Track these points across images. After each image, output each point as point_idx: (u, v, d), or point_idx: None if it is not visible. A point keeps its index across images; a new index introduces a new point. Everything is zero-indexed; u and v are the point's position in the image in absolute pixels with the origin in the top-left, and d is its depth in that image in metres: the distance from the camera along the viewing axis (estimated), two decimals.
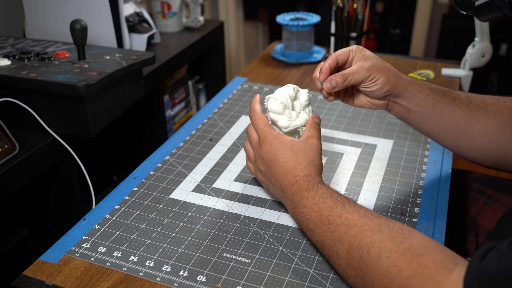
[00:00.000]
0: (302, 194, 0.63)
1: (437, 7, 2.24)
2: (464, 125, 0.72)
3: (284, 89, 0.73)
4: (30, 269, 0.64)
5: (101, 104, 0.90)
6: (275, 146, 0.68)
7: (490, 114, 0.72)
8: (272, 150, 0.68)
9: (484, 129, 0.72)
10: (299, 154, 0.67)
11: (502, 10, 0.74)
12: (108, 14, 1.13)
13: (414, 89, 0.72)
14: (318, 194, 0.62)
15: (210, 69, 1.67)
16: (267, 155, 0.68)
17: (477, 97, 0.74)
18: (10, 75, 0.85)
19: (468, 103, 0.73)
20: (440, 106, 0.72)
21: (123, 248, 0.66)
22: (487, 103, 0.73)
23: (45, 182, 0.98)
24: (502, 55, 2.15)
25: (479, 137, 0.73)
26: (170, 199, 0.77)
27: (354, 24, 1.21)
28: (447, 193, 0.77)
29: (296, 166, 0.66)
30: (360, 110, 1.03)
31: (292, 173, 0.65)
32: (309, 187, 0.63)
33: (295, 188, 0.64)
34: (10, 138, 0.83)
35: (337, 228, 0.58)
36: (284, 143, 0.68)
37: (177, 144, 0.92)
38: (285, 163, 0.66)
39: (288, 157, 0.67)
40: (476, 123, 0.72)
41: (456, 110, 0.72)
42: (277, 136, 0.68)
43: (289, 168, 0.66)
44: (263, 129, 0.70)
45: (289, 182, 0.65)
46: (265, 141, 0.69)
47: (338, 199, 0.61)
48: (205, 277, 0.62)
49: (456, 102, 0.72)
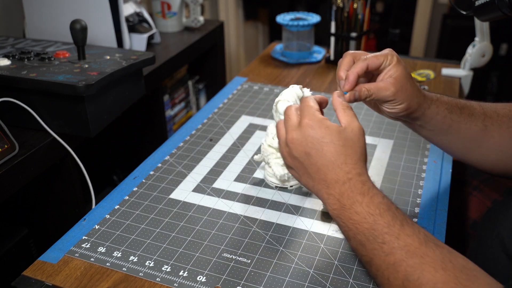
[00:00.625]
0: (355, 198, 0.56)
1: (437, 7, 2.24)
2: (478, 140, 0.72)
3: (290, 90, 0.73)
4: (30, 269, 0.63)
5: (101, 104, 0.90)
6: (320, 131, 0.58)
7: (504, 127, 0.71)
8: (317, 135, 0.58)
9: (497, 143, 0.71)
10: (348, 145, 0.58)
11: (502, 10, 0.74)
12: (108, 14, 1.13)
13: (432, 112, 0.69)
14: (375, 203, 0.55)
15: (210, 69, 1.67)
16: (308, 140, 0.59)
17: (490, 109, 0.72)
18: (10, 75, 0.85)
19: (483, 118, 0.71)
20: (456, 125, 0.70)
21: (123, 248, 0.66)
22: (500, 114, 0.72)
23: (45, 182, 0.98)
24: (502, 55, 2.15)
25: (492, 150, 0.72)
26: (170, 199, 0.77)
27: (354, 24, 1.21)
28: (447, 193, 0.77)
29: (346, 160, 0.57)
30: (360, 110, 1.03)
31: (343, 169, 0.57)
32: (364, 191, 0.56)
33: (346, 187, 0.56)
34: (10, 138, 0.83)
35: (393, 252, 0.52)
36: (331, 129, 0.58)
37: (177, 144, 0.92)
38: (332, 154, 0.57)
39: (336, 148, 0.58)
40: (490, 138, 0.71)
41: (472, 127, 0.71)
42: (322, 120, 0.59)
43: (338, 162, 0.57)
44: (307, 111, 0.60)
45: (338, 178, 0.57)
46: (308, 123, 0.59)
47: (396, 214, 0.54)
48: (205, 277, 0.62)
49: (472, 119, 0.71)
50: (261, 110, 1.05)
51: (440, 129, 0.71)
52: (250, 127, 0.98)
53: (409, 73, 0.67)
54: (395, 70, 0.66)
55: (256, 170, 0.84)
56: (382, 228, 0.53)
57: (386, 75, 0.66)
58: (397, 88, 0.65)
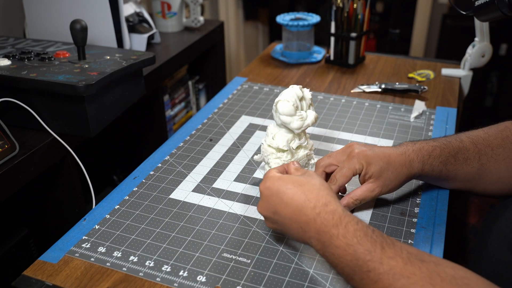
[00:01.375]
0: (330, 232, 0.55)
1: (437, 7, 2.24)
2: (477, 179, 0.74)
3: (290, 90, 0.73)
4: (30, 269, 0.64)
5: (101, 104, 0.90)
6: (274, 187, 0.61)
7: (500, 159, 0.73)
8: (272, 191, 0.61)
9: (496, 176, 0.73)
10: (303, 184, 0.60)
11: (502, 10, 0.74)
12: (108, 14, 1.13)
13: (427, 171, 0.71)
14: (350, 232, 0.54)
15: (210, 69, 1.67)
16: (269, 200, 0.61)
17: (483, 144, 0.73)
18: (10, 75, 0.85)
19: (478, 157, 0.72)
20: (453, 173, 0.72)
21: (123, 248, 0.66)
22: (494, 148, 0.73)
23: (45, 182, 0.98)
24: (502, 55, 2.15)
25: (492, 183, 0.74)
26: (170, 199, 0.77)
27: (354, 24, 1.21)
28: (447, 193, 0.77)
29: (308, 197, 0.58)
30: (360, 110, 1.03)
31: (308, 206, 0.57)
32: (336, 222, 0.55)
33: (319, 223, 0.56)
34: (10, 138, 0.83)
35: (380, 278, 0.51)
36: (282, 179, 0.61)
37: (177, 144, 0.92)
38: (293, 199, 0.59)
39: (293, 191, 0.59)
40: (489, 173, 0.73)
41: (469, 170, 0.73)
42: (274, 177, 0.62)
43: (301, 202, 0.58)
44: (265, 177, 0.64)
45: (308, 218, 0.57)
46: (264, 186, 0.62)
47: (374, 238, 0.53)
48: (205, 277, 0.62)
49: (468, 163, 0.72)
50: (261, 110, 1.05)
51: (439, 180, 0.75)
52: (250, 127, 0.98)
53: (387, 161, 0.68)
54: (369, 170, 0.68)
55: (256, 170, 0.84)
56: (364, 257, 0.52)
57: (364, 177, 0.69)
58: (380, 184, 0.68)
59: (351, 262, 0.53)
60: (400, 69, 1.25)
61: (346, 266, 0.54)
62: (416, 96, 1.10)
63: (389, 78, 1.20)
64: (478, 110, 2.25)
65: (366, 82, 1.18)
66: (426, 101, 1.07)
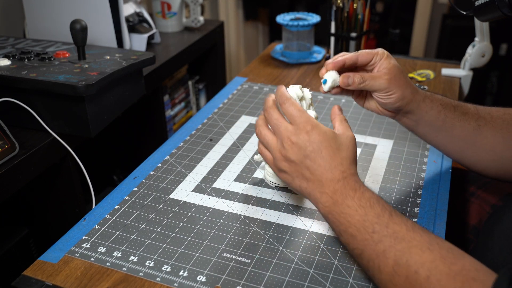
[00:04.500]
0: (348, 193, 0.58)
1: (437, 7, 2.24)
2: (472, 139, 0.73)
3: (290, 90, 0.73)
4: (30, 269, 0.64)
5: (101, 104, 0.90)
6: (318, 136, 0.61)
7: (497, 128, 0.73)
8: (315, 139, 0.60)
9: (491, 143, 0.73)
10: (343, 149, 0.61)
11: (502, 10, 0.74)
12: (108, 14, 1.13)
13: (426, 106, 0.72)
14: (366, 196, 0.58)
15: (210, 69, 1.67)
16: (306, 143, 0.60)
17: (484, 110, 0.74)
18: (10, 75, 0.85)
19: (477, 117, 0.73)
20: (450, 121, 0.73)
21: (123, 248, 0.66)
22: (494, 116, 0.74)
23: (45, 182, 0.98)
24: (502, 55, 2.15)
25: (486, 151, 0.74)
26: (170, 199, 0.77)
27: (354, 24, 1.21)
28: (447, 193, 0.77)
29: (342, 162, 0.60)
30: (360, 110, 1.03)
31: (339, 169, 0.60)
32: (356, 187, 0.59)
33: (340, 184, 0.59)
34: (10, 138, 0.83)
35: (382, 240, 0.54)
36: (327, 134, 0.61)
37: (177, 144, 0.92)
38: (330, 156, 0.60)
39: (333, 150, 0.60)
40: (484, 138, 0.73)
41: (466, 125, 0.73)
42: (318, 126, 0.62)
43: (335, 163, 0.60)
44: (301, 116, 0.62)
45: (334, 177, 0.59)
46: (305, 127, 0.61)
47: (386, 206, 0.57)
48: (205, 277, 0.62)
49: (466, 117, 0.73)
50: (261, 110, 1.05)
51: (435, 125, 0.73)
52: (250, 127, 0.98)
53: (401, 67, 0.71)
54: (387, 62, 0.69)
55: (256, 170, 0.84)
56: (372, 219, 0.55)
57: (379, 69, 0.70)
58: (391, 77, 0.69)
59: (359, 222, 0.56)
60: None
61: (352, 226, 0.56)
62: None
63: None
64: None
65: None
66: None
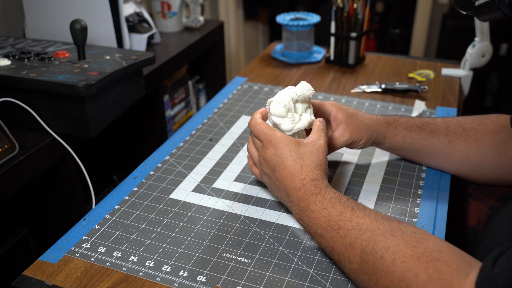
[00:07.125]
0: (309, 199, 0.62)
1: (437, 7, 2.24)
2: (445, 154, 0.76)
3: (285, 91, 0.72)
4: (30, 269, 0.64)
5: (101, 104, 0.90)
6: (281, 149, 0.66)
7: (470, 140, 0.75)
8: (278, 152, 0.66)
9: (465, 156, 0.76)
10: (305, 157, 0.66)
11: (502, 10, 0.74)
12: (108, 14, 1.13)
13: (391, 134, 0.77)
14: (326, 198, 0.61)
15: (210, 69, 1.67)
16: (272, 157, 0.67)
17: (456, 124, 0.77)
18: (10, 75, 0.85)
19: (446, 133, 0.76)
20: (418, 142, 0.77)
21: (123, 248, 0.66)
22: (466, 129, 0.76)
23: (45, 182, 0.98)
24: (502, 55, 2.15)
25: (462, 163, 0.77)
26: (170, 199, 0.77)
27: (354, 24, 1.21)
28: (447, 193, 0.77)
29: (302, 170, 0.65)
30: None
31: (299, 177, 0.64)
32: (316, 192, 0.62)
33: (301, 192, 0.63)
34: (10, 138, 0.83)
35: (348, 233, 0.57)
36: (290, 145, 0.66)
37: (177, 144, 0.92)
38: (291, 166, 0.65)
39: (294, 160, 0.65)
40: (457, 151, 0.76)
41: (435, 142, 0.76)
42: (282, 138, 0.67)
43: (295, 172, 0.65)
44: (266, 133, 0.68)
45: (295, 186, 0.64)
46: (270, 143, 0.67)
47: (347, 203, 0.60)
48: (205, 277, 0.62)
49: (434, 135, 0.76)
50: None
51: (405, 148, 0.79)
52: None
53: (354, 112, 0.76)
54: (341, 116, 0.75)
55: None
56: (335, 217, 0.59)
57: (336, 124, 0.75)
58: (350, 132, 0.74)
59: (324, 223, 0.60)
60: (400, 69, 1.25)
61: (320, 228, 0.60)
62: (416, 96, 1.10)
63: (389, 78, 1.20)
64: (478, 110, 2.25)
65: (366, 82, 1.18)
66: (426, 101, 1.07)
